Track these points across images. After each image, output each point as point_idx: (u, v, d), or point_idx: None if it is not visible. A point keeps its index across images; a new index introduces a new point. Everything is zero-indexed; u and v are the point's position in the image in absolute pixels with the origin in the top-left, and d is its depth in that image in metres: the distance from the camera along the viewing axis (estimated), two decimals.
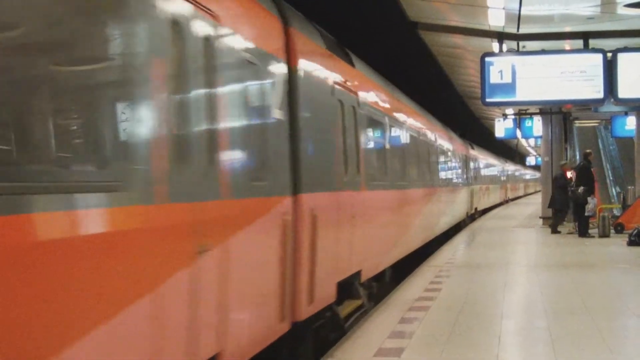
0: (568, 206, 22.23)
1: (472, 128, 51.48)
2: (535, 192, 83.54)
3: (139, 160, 4.24)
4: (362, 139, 10.22)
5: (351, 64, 10.26)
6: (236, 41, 5.77)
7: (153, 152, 4.37)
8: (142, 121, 4.32)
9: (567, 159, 27.57)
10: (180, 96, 4.74)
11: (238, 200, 5.65)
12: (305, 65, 7.55)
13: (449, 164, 23.61)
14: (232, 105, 5.69)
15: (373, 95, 11.49)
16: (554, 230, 22.22)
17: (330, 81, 8.63)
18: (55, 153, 3.70)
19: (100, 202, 3.85)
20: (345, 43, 10.93)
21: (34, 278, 3.27)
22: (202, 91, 5.07)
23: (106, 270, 3.84)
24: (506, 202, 52.67)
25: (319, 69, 8.27)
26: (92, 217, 3.79)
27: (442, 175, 21.27)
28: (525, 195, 77.54)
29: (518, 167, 74.69)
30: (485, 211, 38.06)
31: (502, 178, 52.25)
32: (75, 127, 4.00)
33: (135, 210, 4.17)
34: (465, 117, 47.59)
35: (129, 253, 4.08)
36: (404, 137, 14.66)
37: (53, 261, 3.42)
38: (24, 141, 3.47)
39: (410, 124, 15.52)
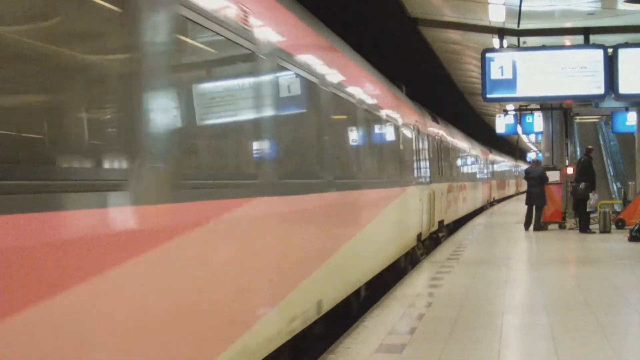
0: (545, 202, 21.98)
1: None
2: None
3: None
4: None
5: None
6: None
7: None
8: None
9: (567, 155, 27.58)
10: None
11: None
12: None
13: (382, 148, 12.65)
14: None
15: None
16: (540, 227, 21.90)
17: None
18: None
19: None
20: (344, 38, 10.90)
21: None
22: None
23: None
24: (490, 204, 42.15)
25: None
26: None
27: (363, 167, 10.67)
28: (518, 194, 65.16)
29: (508, 158, 62.31)
30: (461, 222, 26.51)
31: (485, 171, 40.12)
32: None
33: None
34: (465, 113, 47.55)
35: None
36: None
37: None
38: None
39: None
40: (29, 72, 3.40)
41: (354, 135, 10.26)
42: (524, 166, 76.68)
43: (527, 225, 21.81)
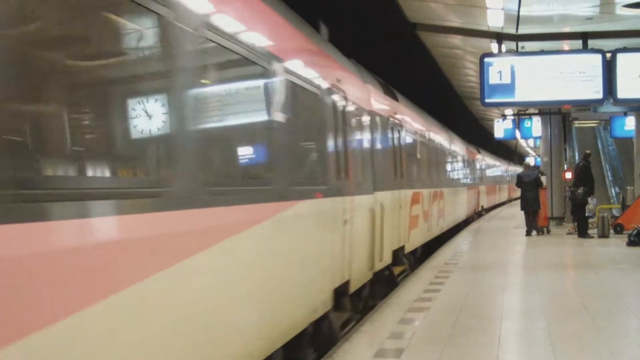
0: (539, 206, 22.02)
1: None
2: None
3: None
4: None
5: None
6: None
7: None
8: None
9: (566, 159, 27.60)
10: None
11: None
12: None
13: (300, 140, 8.05)
14: None
15: None
16: (530, 233, 21.92)
17: None
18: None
19: None
20: (344, 44, 10.92)
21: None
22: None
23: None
24: (479, 214, 35.43)
25: None
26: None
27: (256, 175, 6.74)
28: (510, 200, 57.99)
29: (500, 161, 54.54)
30: (441, 240, 21.01)
31: (472, 175, 33.00)
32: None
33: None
34: (465, 118, 47.59)
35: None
36: None
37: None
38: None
39: None
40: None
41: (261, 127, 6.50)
42: (517, 169, 67.00)
43: (528, 231, 21.79)
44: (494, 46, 19.40)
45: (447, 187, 23.01)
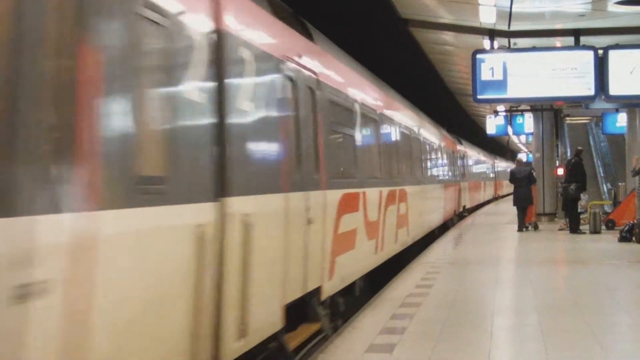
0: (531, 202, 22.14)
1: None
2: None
3: None
4: None
5: None
6: None
7: None
8: None
9: (558, 156, 27.65)
10: None
11: None
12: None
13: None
14: None
15: None
16: (522, 229, 21.97)
17: None
18: None
19: None
20: (335, 40, 10.90)
21: None
22: None
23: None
24: (460, 215, 29.74)
25: None
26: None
27: None
28: (497, 198, 53.24)
29: (483, 154, 47.06)
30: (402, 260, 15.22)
31: (450, 169, 26.87)
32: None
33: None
34: (457, 115, 47.65)
35: None
36: None
37: None
38: None
39: None
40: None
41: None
42: (503, 164, 62.04)
43: (520, 227, 21.82)
44: (486, 42, 19.41)
45: (413, 185, 17.04)
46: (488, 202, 46.66)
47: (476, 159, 40.25)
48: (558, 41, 19.77)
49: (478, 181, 40.39)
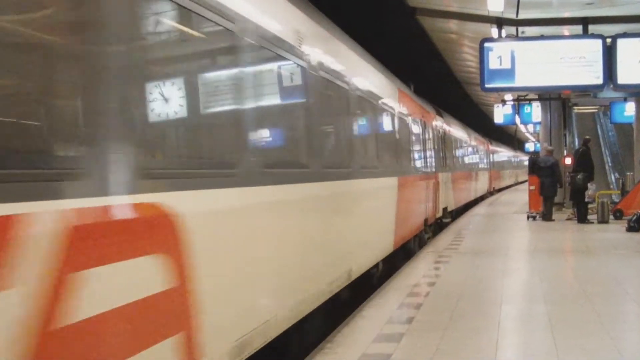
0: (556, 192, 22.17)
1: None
2: (512, 184, 62.02)
3: None
4: None
5: None
6: None
7: None
8: None
9: (565, 145, 27.57)
10: None
11: None
12: None
13: None
14: None
15: None
16: (550, 218, 21.96)
17: None
18: None
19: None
20: (343, 28, 10.86)
21: None
22: None
23: None
24: (439, 222, 21.09)
25: None
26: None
27: None
28: (492, 193, 44.93)
29: (474, 137, 36.89)
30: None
31: (417, 153, 17.47)
32: None
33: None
34: (465, 103, 47.55)
35: None
36: None
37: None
38: None
39: None
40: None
41: None
42: (502, 150, 56.44)
43: (546, 217, 21.90)
44: (494, 31, 19.34)
45: (357, 178, 10.36)
46: (483, 197, 38.98)
47: (464, 142, 31.10)
48: (566, 30, 19.69)
49: (468, 172, 31.22)
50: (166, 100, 4.75)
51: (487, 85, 17.83)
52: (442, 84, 44.46)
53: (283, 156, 7.35)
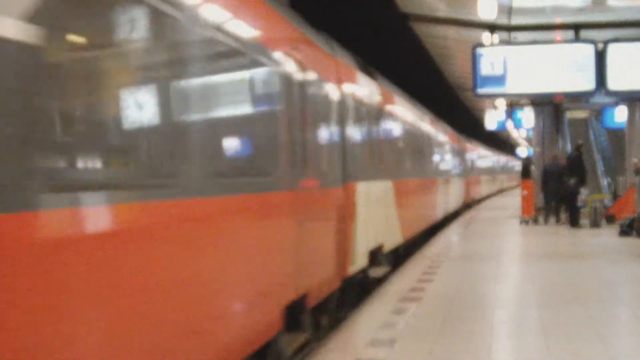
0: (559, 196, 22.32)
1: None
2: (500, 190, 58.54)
3: None
4: None
5: None
6: None
7: None
8: None
9: (559, 150, 27.64)
10: None
11: None
12: None
13: None
14: None
15: None
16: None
17: None
18: None
19: None
20: (335, 35, 10.91)
21: None
22: None
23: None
24: (387, 258, 13.03)
25: None
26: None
27: None
28: (479, 201, 40.99)
29: (454, 137, 31.55)
30: None
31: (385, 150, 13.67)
32: None
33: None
34: (457, 109, 47.61)
35: None
36: None
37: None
38: None
39: None
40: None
41: None
42: (484, 151, 48.78)
43: (557, 218, 22.41)
44: (486, 37, 19.40)
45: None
46: (468, 205, 34.34)
47: (439, 141, 25.06)
48: (558, 35, 19.76)
49: (425, 179, 20.70)
50: None
51: (479, 91, 17.86)
52: (435, 89, 44.52)
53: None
